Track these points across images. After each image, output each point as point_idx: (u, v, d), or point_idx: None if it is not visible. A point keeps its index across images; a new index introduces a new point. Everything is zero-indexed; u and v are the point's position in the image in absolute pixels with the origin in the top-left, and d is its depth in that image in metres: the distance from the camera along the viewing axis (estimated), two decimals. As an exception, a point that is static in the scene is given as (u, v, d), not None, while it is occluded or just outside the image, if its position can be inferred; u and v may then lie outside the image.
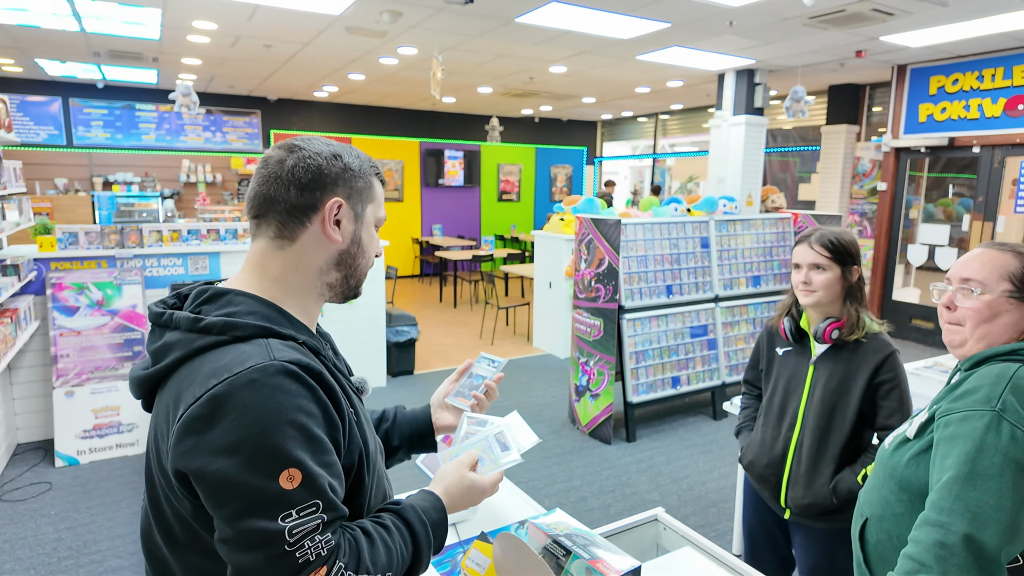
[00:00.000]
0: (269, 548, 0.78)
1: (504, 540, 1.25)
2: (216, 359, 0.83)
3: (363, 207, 1.00)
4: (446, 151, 11.47)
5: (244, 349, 0.84)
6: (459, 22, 5.43)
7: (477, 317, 8.19)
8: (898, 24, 5.35)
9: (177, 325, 0.89)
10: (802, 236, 1.87)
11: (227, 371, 0.81)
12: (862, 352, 1.79)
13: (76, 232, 4.22)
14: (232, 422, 0.78)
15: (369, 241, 1.03)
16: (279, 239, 0.95)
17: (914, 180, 7.48)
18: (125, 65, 7.48)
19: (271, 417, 0.79)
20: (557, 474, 3.89)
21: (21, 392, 4.12)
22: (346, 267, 1.00)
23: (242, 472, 0.77)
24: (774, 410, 1.95)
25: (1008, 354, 1.19)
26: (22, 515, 3.31)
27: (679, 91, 9.11)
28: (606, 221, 4.34)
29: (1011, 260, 1.22)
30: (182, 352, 0.86)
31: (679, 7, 4.92)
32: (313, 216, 0.94)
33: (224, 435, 0.78)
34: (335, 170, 0.95)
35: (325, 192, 0.94)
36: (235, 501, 0.78)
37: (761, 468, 1.96)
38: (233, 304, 0.90)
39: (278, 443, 0.79)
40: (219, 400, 0.79)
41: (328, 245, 0.97)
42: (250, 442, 0.78)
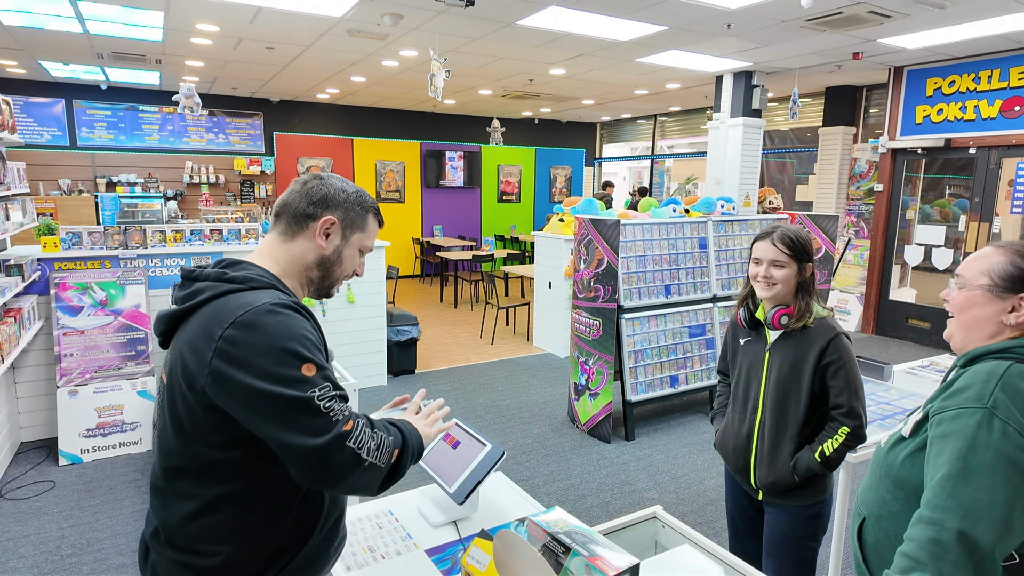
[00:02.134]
0: (307, 409, 1.07)
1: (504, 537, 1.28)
2: (238, 299, 1.12)
3: (351, 232, 1.31)
4: (447, 152, 11.49)
5: (258, 293, 1.14)
6: (460, 25, 5.46)
7: (477, 317, 8.21)
8: (895, 26, 5.38)
9: (206, 277, 1.18)
10: (763, 233, 1.96)
11: (250, 305, 1.10)
12: (809, 337, 1.90)
13: (80, 232, 4.25)
14: (261, 337, 1.07)
15: (349, 258, 1.33)
16: (284, 235, 1.27)
17: (911, 181, 7.51)
18: (128, 67, 7.51)
19: (287, 332, 1.09)
20: (556, 472, 3.92)
21: (25, 391, 4.15)
22: (324, 270, 1.30)
23: (275, 367, 1.06)
24: (739, 396, 2.07)
25: (1000, 352, 1.21)
26: (26, 513, 3.34)
27: (677, 93, 9.14)
28: (605, 222, 4.37)
29: (999, 257, 1.26)
30: (210, 294, 1.14)
31: (677, 10, 4.95)
32: (311, 224, 1.26)
33: (257, 346, 1.07)
34: (338, 198, 1.28)
35: (325, 210, 1.27)
36: (273, 389, 1.06)
37: (731, 451, 2.08)
38: (248, 269, 1.21)
39: (296, 348, 1.09)
40: (248, 323, 1.08)
41: (315, 249, 1.27)
42: (276, 348, 1.07)
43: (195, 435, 1.12)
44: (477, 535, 1.37)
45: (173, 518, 1.16)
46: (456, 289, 9.57)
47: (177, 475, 1.16)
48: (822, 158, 8.67)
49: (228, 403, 1.08)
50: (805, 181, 9.24)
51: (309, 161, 10.42)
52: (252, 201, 9.93)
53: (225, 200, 9.76)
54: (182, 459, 1.15)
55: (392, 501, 1.82)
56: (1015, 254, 1.25)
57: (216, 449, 1.12)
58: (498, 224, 12.42)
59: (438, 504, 1.77)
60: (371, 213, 1.33)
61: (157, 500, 1.21)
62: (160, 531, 1.19)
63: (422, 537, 1.64)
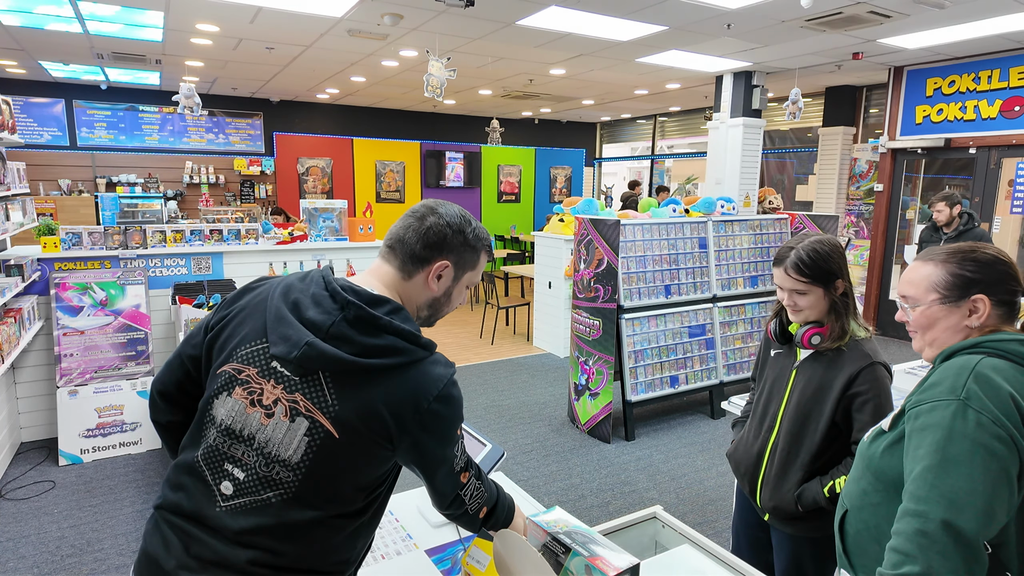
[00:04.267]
0: (454, 463, 1.24)
1: (504, 537, 1.28)
2: (432, 370, 1.16)
3: (463, 272, 1.29)
4: (447, 152, 11.50)
5: (437, 359, 1.19)
6: (460, 25, 5.46)
7: (477, 317, 8.22)
8: (895, 26, 5.38)
9: (399, 333, 1.14)
10: (778, 258, 1.79)
11: (443, 379, 1.17)
12: (840, 361, 1.73)
13: (80, 233, 4.25)
14: (452, 411, 1.19)
15: (457, 296, 1.32)
16: (401, 272, 1.24)
17: (910, 181, 7.51)
18: (128, 67, 7.51)
19: (461, 404, 1.22)
20: (557, 472, 3.93)
21: (25, 391, 4.15)
22: (433, 309, 1.30)
23: (453, 434, 1.23)
24: (759, 410, 1.94)
25: (971, 347, 1.25)
26: (25, 513, 3.34)
27: (677, 93, 9.14)
28: (605, 222, 4.37)
29: (933, 270, 1.30)
30: (408, 359, 1.14)
31: (677, 10, 4.95)
32: (425, 267, 1.23)
33: (449, 419, 1.19)
34: (455, 242, 1.24)
35: (441, 254, 1.24)
36: (447, 452, 1.22)
37: (741, 467, 1.97)
38: (410, 321, 1.19)
39: (462, 414, 1.24)
40: (445, 398, 1.16)
41: (427, 290, 1.26)
42: (458, 420, 1.22)
43: (344, 479, 1.14)
44: (477, 535, 1.37)
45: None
46: (456, 289, 9.57)
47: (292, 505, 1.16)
48: (822, 158, 8.68)
49: (408, 458, 1.18)
50: (805, 181, 9.24)
51: (309, 161, 10.43)
52: (252, 201, 9.94)
53: (225, 200, 9.76)
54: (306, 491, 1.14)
55: (392, 501, 1.82)
56: (946, 263, 1.30)
57: (357, 491, 1.17)
58: (498, 224, 12.42)
59: (438, 504, 1.77)
60: (483, 251, 1.31)
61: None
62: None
63: (422, 537, 1.64)
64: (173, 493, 1.15)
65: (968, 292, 1.27)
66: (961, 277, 1.27)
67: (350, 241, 5.21)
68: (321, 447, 1.09)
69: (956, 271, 1.28)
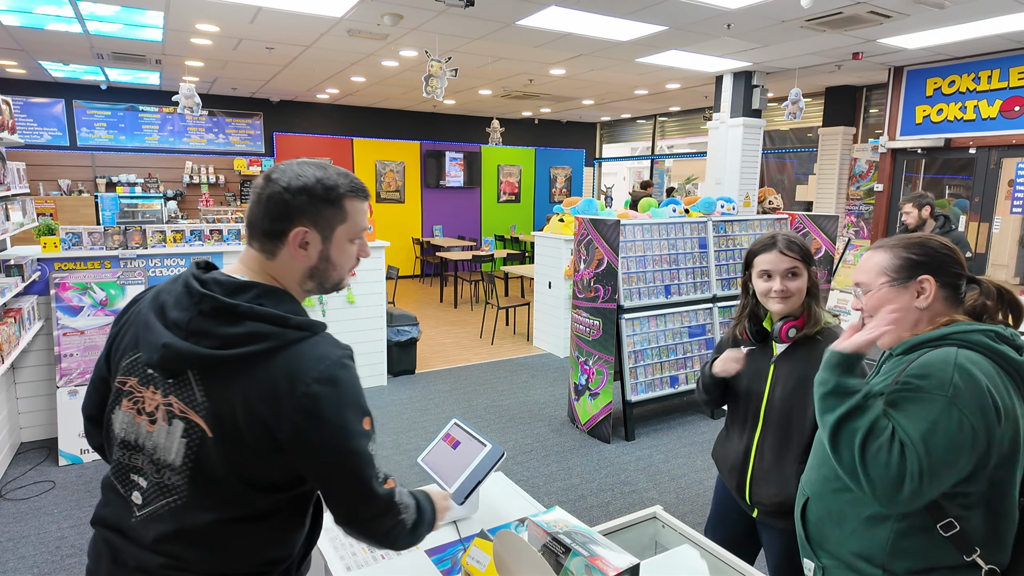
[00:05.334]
0: (368, 463, 1.10)
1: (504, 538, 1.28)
2: (310, 350, 1.08)
3: (331, 230, 1.15)
4: (447, 152, 11.50)
5: (324, 339, 1.11)
6: (460, 25, 5.46)
7: (477, 317, 8.22)
8: (895, 26, 5.38)
9: (261, 317, 1.08)
10: (765, 244, 1.83)
11: (326, 358, 1.08)
12: (817, 350, 1.72)
13: (80, 233, 4.25)
14: (342, 391, 1.08)
15: (339, 255, 1.18)
16: (263, 252, 1.14)
17: (910, 181, 7.51)
18: (128, 67, 7.51)
19: (358, 385, 1.11)
20: (556, 472, 3.93)
21: (25, 391, 4.15)
22: (318, 278, 1.19)
23: (353, 423, 1.09)
24: (739, 411, 1.95)
25: (939, 339, 1.29)
26: (25, 514, 3.34)
27: (677, 93, 9.14)
28: (605, 222, 4.37)
29: (883, 256, 1.38)
30: (277, 343, 1.07)
31: (677, 10, 4.95)
32: (283, 240, 1.13)
33: (340, 399, 1.07)
34: (299, 204, 1.11)
35: (292, 223, 1.12)
36: (347, 445, 1.09)
37: (727, 468, 1.97)
38: (285, 300, 1.13)
39: (363, 401, 1.12)
40: (332, 378, 1.07)
41: (299, 263, 1.15)
42: (354, 403, 1.09)
43: (231, 478, 1.08)
44: (477, 535, 1.37)
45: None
46: (456, 289, 9.58)
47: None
48: (822, 158, 8.68)
49: (302, 456, 1.08)
50: (805, 181, 9.24)
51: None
52: (252, 201, 9.92)
53: (225, 200, 9.76)
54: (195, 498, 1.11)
55: (392, 501, 1.82)
56: (893, 248, 1.37)
57: (254, 491, 1.10)
58: (498, 224, 12.42)
59: (438, 504, 1.77)
60: (347, 198, 1.15)
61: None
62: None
63: (422, 537, 1.64)
64: (102, 508, 1.18)
65: (915, 273, 1.34)
66: (908, 260, 1.35)
67: (350, 241, 5.21)
68: (200, 447, 1.06)
69: (904, 255, 1.35)
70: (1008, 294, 1.36)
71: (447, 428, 1.87)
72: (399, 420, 4.76)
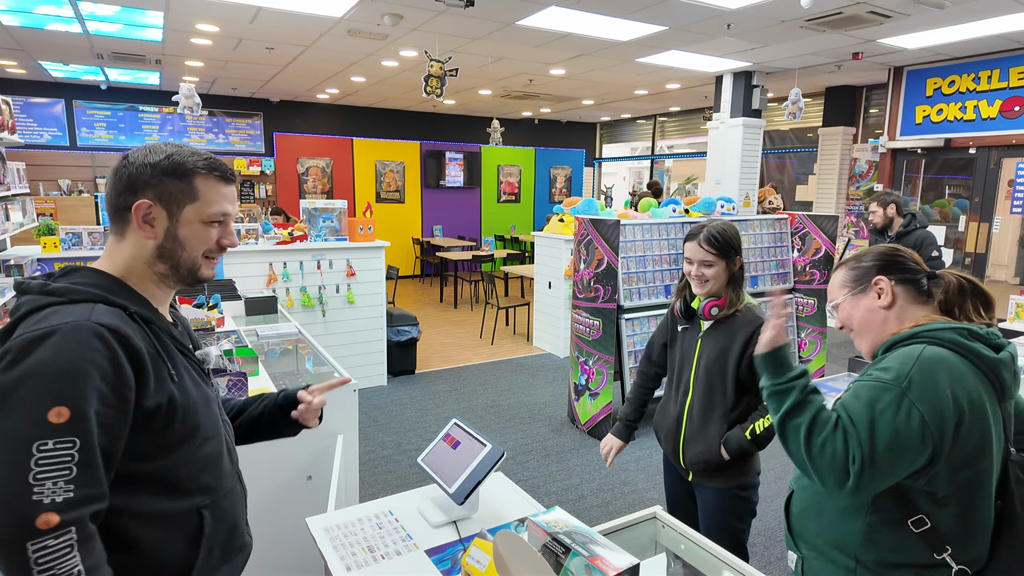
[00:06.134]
0: (14, 458, 0.90)
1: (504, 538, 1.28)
2: (48, 315, 0.99)
3: (178, 207, 1.11)
4: (447, 152, 11.50)
5: (70, 309, 1.00)
6: (459, 25, 5.46)
7: (477, 317, 8.22)
8: (895, 26, 5.38)
9: (29, 289, 1.04)
10: (691, 234, 2.06)
11: (49, 323, 0.97)
12: (735, 326, 2.02)
13: (79, 233, 4.25)
14: (28, 361, 0.93)
15: (192, 236, 1.13)
16: (115, 235, 1.12)
17: (911, 181, 7.51)
18: (128, 67, 7.51)
19: (65, 363, 0.94)
20: (556, 472, 3.93)
21: (25, 392, 4.14)
22: (167, 260, 1.12)
23: (24, 403, 0.92)
24: (674, 380, 2.20)
25: (910, 337, 1.34)
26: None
27: (677, 93, 9.14)
28: (605, 222, 4.37)
29: (840, 273, 1.49)
30: (28, 308, 1.01)
31: (677, 10, 4.95)
32: (128, 216, 1.09)
33: (20, 369, 0.93)
34: (143, 176, 1.09)
35: (135, 196, 1.09)
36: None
37: (663, 433, 2.20)
38: (81, 276, 1.07)
39: (60, 387, 0.93)
40: (25, 343, 0.95)
41: (146, 241, 1.11)
42: (44, 383, 0.92)
43: None
44: (476, 535, 1.38)
45: None
46: (456, 289, 9.58)
47: None
48: (822, 158, 8.68)
49: None
50: (805, 181, 9.24)
51: (309, 161, 10.43)
52: (252, 201, 9.94)
53: (225, 200, 9.75)
54: None
55: (392, 501, 1.82)
56: (847, 263, 1.49)
57: None
58: (498, 224, 12.42)
59: (438, 504, 1.77)
60: (197, 176, 1.11)
61: None
62: None
63: (422, 537, 1.64)
64: None
65: (869, 278, 1.42)
66: (859, 268, 1.45)
67: (350, 241, 5.22)
68: None
69: (855, 265, 1.46)
70: (970, 284, 1.39)
71: (447, 428, 1.87)
72: (399, 420, 4.76)
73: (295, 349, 3.23)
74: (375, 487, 3.70)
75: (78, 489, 0.91)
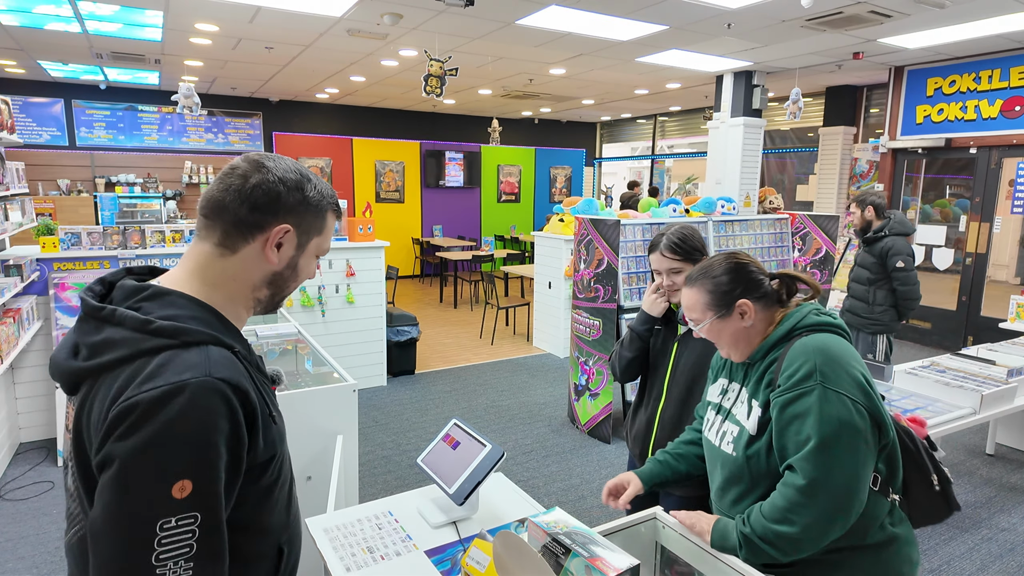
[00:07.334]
0: (123, 553, 0.81)
1: (504, 538, 1.27)
2: (161, 363, 0.87)
3: (308, 238, 1.05)
4: (446, 152, 11.50)
5: (186, 357, 0.88)
6: (459, 24, 5.45)
7: (477, 317, 8.21)
8: (895, 26, 5.38)
9: (121, 323, 0.90)
10: (652, 245, 2.04)
11: (162, 380, 0.84)
12: None
13: (79, 233, 4.24)
14: (148, 428, 0.82)
15: (304, 267, 1.08)
16: (221, 247, 0.99)
17: (911, 181, 7.50)
18: (127, 67, 7.51)
19: (193, 430, 0.84)
20: (556, 473, 3.92)
21: (24, 392, 4.14)
22: (276, 287, 1.05)
23: (138, 475, 0.82)
24: (647, 383, 2.16)
25: (787, 335, 1.45)
26: (24, 514, 3.33)
27: (677, 93, 9.14)
28: (605, 222, 4.36)
29: (699, 294, 1.52)
30: (128, 352, 0.88)
31: (677, 10, 4.95)
32: (258, 235, 0.99)
33: (140, 438, 0.82)
34: (292, 200, 1.00)
35: (277, 217, 0.99)
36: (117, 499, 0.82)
37: (632, 436, 2.16)
38: (176, 306, 0.93)
39: (183, 459, 0.83)
40: (145, 409, 0.83)
41: (264, 264, 1.01)
42: (168, 456, 0.82)
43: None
44: (476, 536, 1.37)
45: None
46: (456, 289, 9.57)
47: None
48: (822, 158, 8.67)
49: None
50: (806, 181, 9.24)
51: (308, 161, 10.42)
52: (252, 201, 9.92)
53: (225, 200, 9.75)
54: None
55: (392, 502, 1.81)
56: (702, 283, 1.51)
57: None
58: (498, 224, 12.42)
59: (438, 505, 1.76)
60: (330, 210, 1.07)
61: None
62: None
63: (422, 538, 1.64)
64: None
65: (731, 301, 1.48)
66: (718, 291, 1.49)
67: (350, 241, 5.21)
68: (73, 473, 0.92)
69: (713, 287, 1.50)
70: (785, 274, 1.54)
71: (447, 428, 1.87)
72: (399, 420, 4.75)
73: (295, 349, 3.22)
74: (375, 487, 3.69)
75: (197, 566, 0.85)
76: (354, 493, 2.59)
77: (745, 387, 1.53)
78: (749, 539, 1.39)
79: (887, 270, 4.23)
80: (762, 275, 1.52)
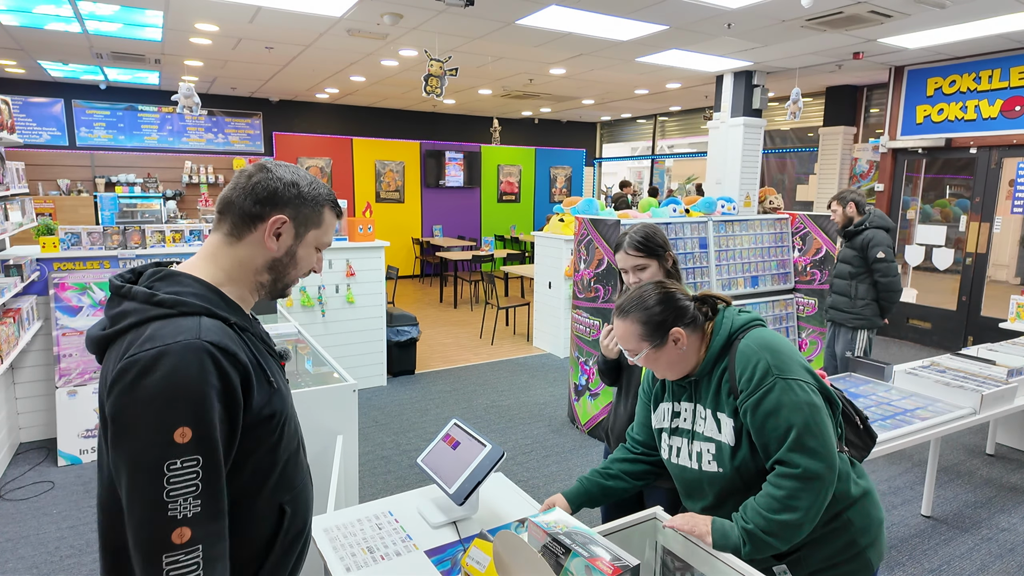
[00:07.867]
0: (151, 481, 0.95)
1: (504, 538, 1.27)
2: (159, 328, 1.01)
3: (305, 229, 1.20)
4: (446, 152, 11.49)
5: (180, 324, 1.02)
6: (459, 24, 5.45)
7: (477, 317, 8.21)
8: (896, 26, 5.38)
9: (134, 297, 1.06)
10: (616, 245, 2.09)
11: (160, 341, 0.99)
12: None
13: (79, 233, 4.24)
14: (146, 381, 0.96)
15: (304, 258, 1.22)
16: (230, 236, 1.15)
17: (911, 181, 7.50)
18: (127, 67, 7.51)
19: (184, 383, 0.97)
20: (556, 473, 3.92)
21: (24, 392, 4.14)
22: (276, 272, 1.20)
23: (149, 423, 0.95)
24: (623, 382, 2.20)
25: (727, 343, 1.54)
26: (25, 514, 3.34)
27: (677, 93, 9.14)
28: (605, 222, 4.36)
29: (632, 326, 1.54)
30: (136, 319, 1.04)
31: (677, 10, 4.94)
32: (259, 224, 1.15)
33: (140, 390, 0.96)
34: (288, 195, 1.16)
35: (274, 209, 1.15)
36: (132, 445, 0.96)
37: (614, 432, 2.18)
38: (183, 284, 1.09)
39: (181, 406, 0.97)
40: (145, 364, 0.97)
41: (265, 251, 1.17)
42: (166, 403, 0.96)
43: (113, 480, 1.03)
44: (477, 536, 1.37)
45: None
46: (456, 289, 9.57)
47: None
48: (822, 158, 8.67)
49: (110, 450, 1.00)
50: (806, 181, 9.23)
51: (308, 161, 10.42)
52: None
53: (225, 200, 9.75)
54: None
55: (392, 502, 1.81)
56: (634, 315, 1.54)
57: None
58: (498, 224, 12.42)
59: (438, 505, 1.76)
60: (327, 206, 1.22)
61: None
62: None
63: (422, 538, 1.64)
64: None
65: (664, 331, 1.53)
66: (652, 322, 1.53)
67: (350, 241, 5.21)
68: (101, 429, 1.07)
69: (645, 320, 1.53)
70: (705, 295, 1.63)
71: (447, 428, 1.87)
72: (399, 420, 4.75)
73: (295, 349, 3.22)
74: (375, 487, 3.69)
75: (204, 504, 0.98)
76: (354, 493, 2.59)
77: (701, 403, 1.57)
78: (753, 534, 1.41)
79: (868, 263, 4.24)
80: (688, 300, 1.58)
